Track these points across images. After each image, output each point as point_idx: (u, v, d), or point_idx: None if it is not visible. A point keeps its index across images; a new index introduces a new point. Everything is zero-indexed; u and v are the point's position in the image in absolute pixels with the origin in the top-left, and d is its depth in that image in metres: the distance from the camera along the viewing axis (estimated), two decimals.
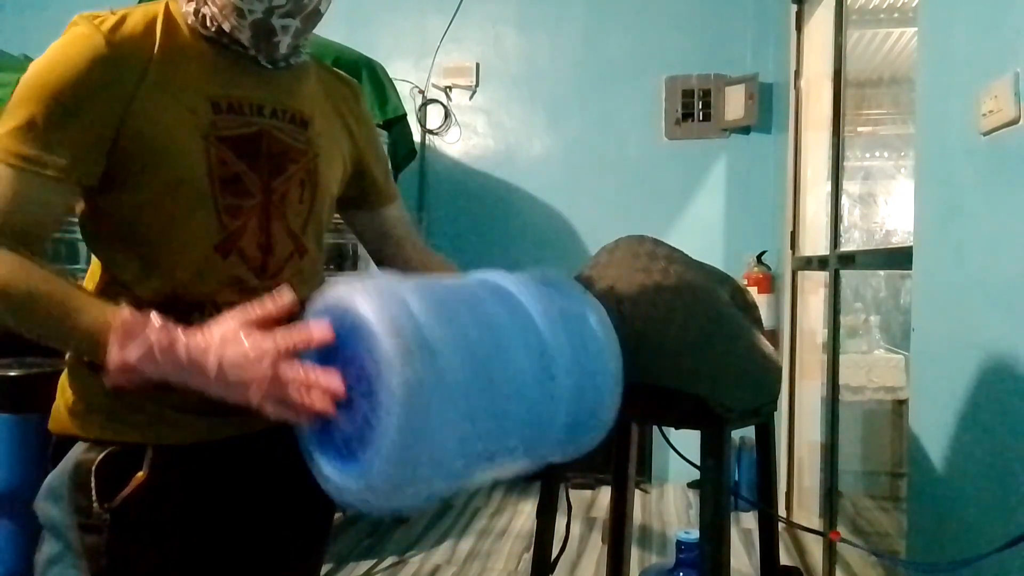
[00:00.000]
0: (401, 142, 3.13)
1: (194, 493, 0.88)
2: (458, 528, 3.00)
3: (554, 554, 1.35)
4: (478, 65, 3.91)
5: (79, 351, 0.83)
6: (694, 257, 1.25)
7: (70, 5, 0.87)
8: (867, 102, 4.01)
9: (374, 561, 2.66)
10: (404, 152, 3.17)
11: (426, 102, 3.92)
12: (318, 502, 1.03)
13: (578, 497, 3.29)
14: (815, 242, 2.95)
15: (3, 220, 0.78)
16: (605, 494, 3.16)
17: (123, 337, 0.73)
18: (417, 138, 3.74)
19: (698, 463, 1.15)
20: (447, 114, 3.94)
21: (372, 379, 0.69)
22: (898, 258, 1.79)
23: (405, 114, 3.03)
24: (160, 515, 0.85)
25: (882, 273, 3.35)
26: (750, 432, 1.34)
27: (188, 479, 0.87)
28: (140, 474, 0.83)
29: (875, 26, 3.53)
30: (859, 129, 3.98)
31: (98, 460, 0.83)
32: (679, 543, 1.48)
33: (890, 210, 3.81)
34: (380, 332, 0.68)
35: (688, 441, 1.26)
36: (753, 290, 3.12)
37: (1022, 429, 1.09)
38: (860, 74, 3.80)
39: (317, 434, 0.77)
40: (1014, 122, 1.11)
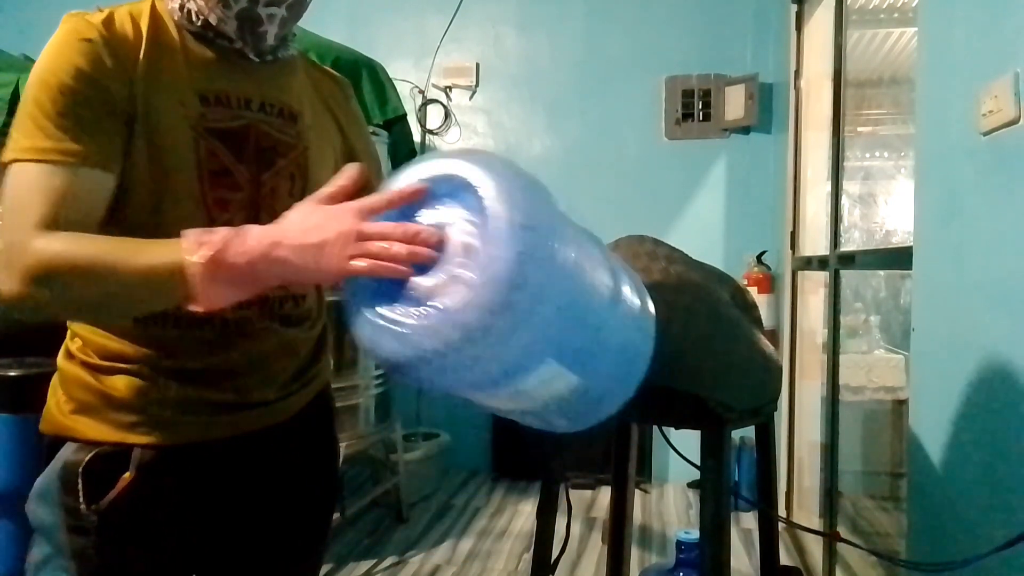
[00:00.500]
0: (401, 142, 3.13)
1: (183, 494, 0.87)
2: (458, 528, 3.00)
3: (554, 554, 1.35)
4: (478, 65, 3.91)
5: (159, 292, 0.75)
6: (694, 257, 1.25)
7: (69, 5, 0.87)
8: (867, 102, 4.00)
9: (374, 561, 2.66)
10: (404, 152, 3.17)
11: (426, 102, 3.92)
12: (313, 503, 1.03)
13: (578, 497, 3.29)
14: (815, 242, 2.95)
15: (52, 219, 0.76)
16: (605, 494, 3.16)
17: (197, 241, 0.71)
18: (417, 138, 3.74)
19: (698, 463, 1.15)
20: (447, 114, 3.94)
21: (478, 226, 0.66)
22: (898, 258, 1.79)
23: (405, 114, 3.04)
24: (149, 516, 0.85)
25: (882, 273, 3.35)
26: (750, 432, 1.34)
27: (177, 480, 0.87)
28: (127, 475, 0.83)
29: (875, 26, 3.52)
30: (859, 129, 3.97)
31: (86, 461, 0.83)
32: (679, 543, 1.48)
33: (890, 210, 3.80)
34: (492, 184, 0.67)
35: (688, 441, 1.26)
36: (753, 290, 3.12)
37: (1022, 429, 1.09)
38: (860, 74, 3.79)
39: (373, 296, 0.71)
40: (1014, 122, 1.11)
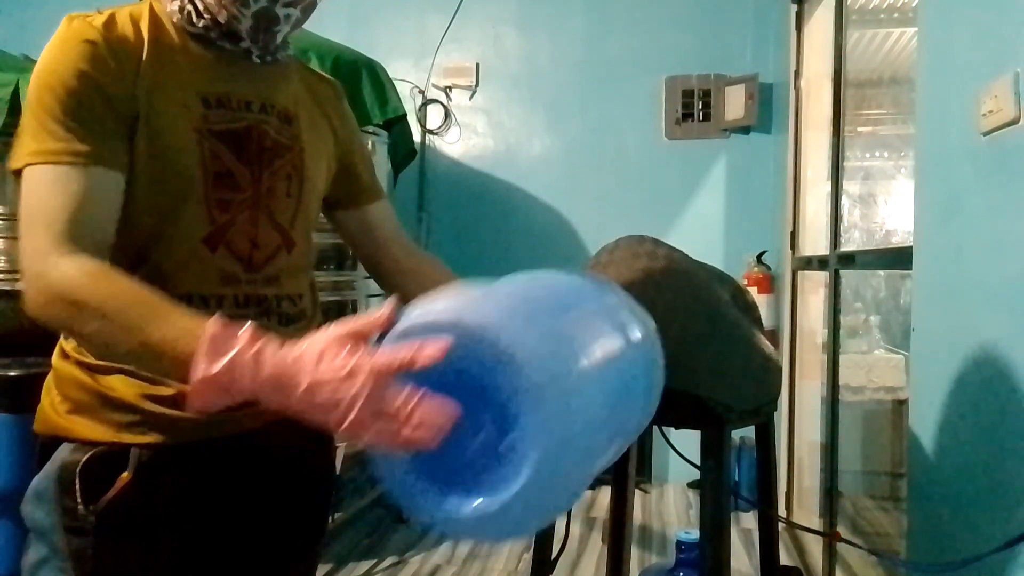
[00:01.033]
0: (401, 142, 3.13)
1: (182, 494, 0.87)
2: None
3: (554, 554, 1.35)
4: (478, 65, 3.91)
5: (160, 365, 0.72)
6: (694, 257, 1.25)
7: (69, 5, 0.87)
8: (867, 102, 4.00)
9: (374, 561, 2.66)
10: (404, 152, 3.17)
11: (426, 102, 3.92)
12: (311, 503, 1.03)
13: None
14: (815, 242, 2.95)
15: (75, 224, 0.75)
16: (605, 494, 3.16)
17: (211, 349, 0.64)
18: (417, 138, 3.74)
19: (698, 463, 1.15)
20: (447, 114, 3.94)
21: (503, 398, 0.62)
22: (898, 258, 1.79)
23: (405, 114, 3.03)
24: (147, 517, 0.84)
25: (882, 273, 3.35)
26: (750, 432, 1.34)
27: (175, 480, 0.86)
28: (125, 475, 0.83)
29: (875, 26, 3.52)
30: (859, 129, 3.97)
31: (83, 461, 0.82)
32: (679, 543, 1.48)
33: (890, 210, 3.80)
34: (517, 352, 0.62)
35: (688, 441, 1.26)
36: (753, 290, 3.12)
37: (1022, 429, 1.09)
38: (860, 74, 3.79)
39: (414, 465, 0.67)
40: (1014, 122, 1.11)
